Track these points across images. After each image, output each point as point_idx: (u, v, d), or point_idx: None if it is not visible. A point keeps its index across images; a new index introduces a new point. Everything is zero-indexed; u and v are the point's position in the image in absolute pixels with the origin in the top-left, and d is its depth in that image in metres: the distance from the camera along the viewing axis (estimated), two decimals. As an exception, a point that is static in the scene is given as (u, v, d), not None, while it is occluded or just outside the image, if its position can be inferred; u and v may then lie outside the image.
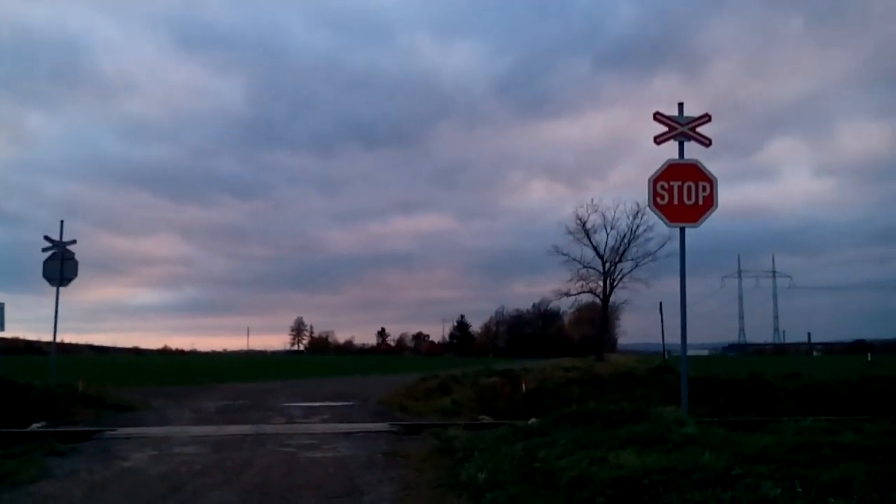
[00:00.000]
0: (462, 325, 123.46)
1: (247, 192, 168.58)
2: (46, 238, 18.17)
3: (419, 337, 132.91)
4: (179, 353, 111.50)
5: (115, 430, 12.07)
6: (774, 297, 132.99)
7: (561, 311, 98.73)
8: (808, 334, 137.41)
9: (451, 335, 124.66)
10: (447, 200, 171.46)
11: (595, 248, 57.52)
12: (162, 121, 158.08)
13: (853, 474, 5.94)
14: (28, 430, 11.90)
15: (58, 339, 19.30)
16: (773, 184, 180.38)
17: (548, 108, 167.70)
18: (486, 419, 13.68)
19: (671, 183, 10.52)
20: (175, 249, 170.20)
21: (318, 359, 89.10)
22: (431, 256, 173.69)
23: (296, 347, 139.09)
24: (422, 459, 9.04)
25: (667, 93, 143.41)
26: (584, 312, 78.84)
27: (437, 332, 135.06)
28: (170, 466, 8.75)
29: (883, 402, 12.80)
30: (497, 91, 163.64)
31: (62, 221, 18.52)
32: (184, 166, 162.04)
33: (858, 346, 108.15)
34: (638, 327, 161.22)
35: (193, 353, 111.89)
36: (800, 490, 5.40)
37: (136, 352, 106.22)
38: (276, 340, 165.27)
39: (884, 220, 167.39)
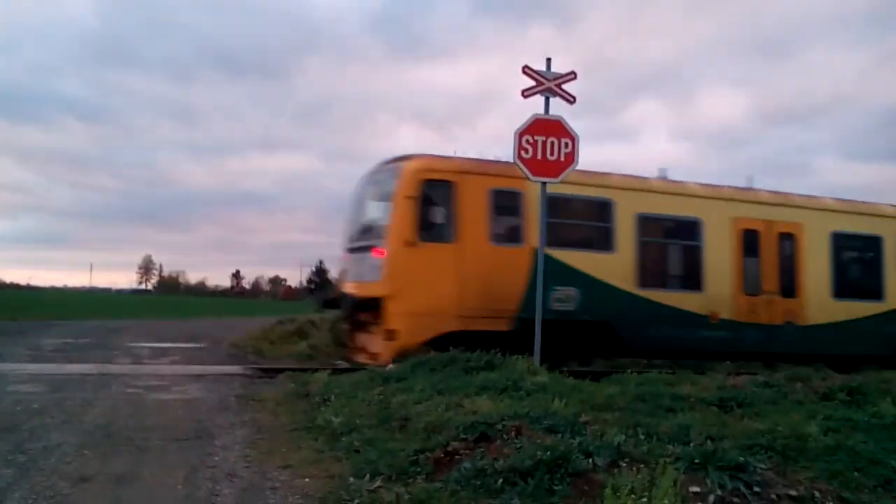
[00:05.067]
0: (321, 271, 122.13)
1: (92, 116, 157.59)
2: None
3: (276, 281, 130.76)
4: (14, 287, 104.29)
5: (-62, 366, 11.13)
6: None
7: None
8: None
9: (310, 280, 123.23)
10: (311, 140, 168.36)
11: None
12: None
13: (690, 423, 6.40)
14: None
15: None
16: (633, 145, 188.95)
17: (422, 51, 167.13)
18: (343, 364, 13.67)
19: (536, 137, 10.71)
20: (10, 175, 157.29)
21: (167, 299, 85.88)
22: (292, 198, 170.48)
23: (144, 286, 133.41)
24: (277, 403, 8.90)
25: (542, 44, 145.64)
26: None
27: (296, 277, 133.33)
28: (3, 405, 8.18)
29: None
30: (371, 27, 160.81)
31: None
32: (21, 82, 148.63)
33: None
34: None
35: (30, 288, 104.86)
36: (642, 437, 5.74)
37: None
38: (123, 278, 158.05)
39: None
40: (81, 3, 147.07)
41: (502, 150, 10.73)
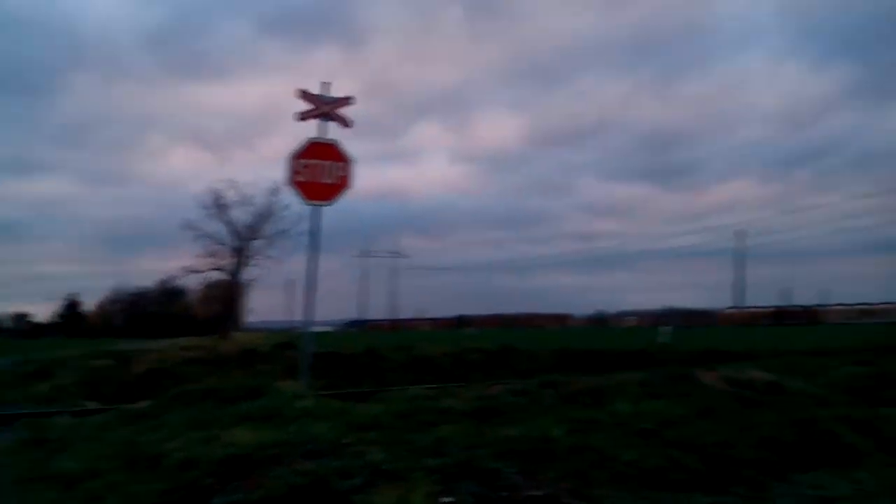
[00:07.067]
0: (71, 304, 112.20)
1: None
2: None
3: (20, 316, 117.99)
4: None
5: None
6: (394, 275, 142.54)
7: (188, 289, 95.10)
8: (422, 311, 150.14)
9: (60, 314, 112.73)
10: (73, 162, 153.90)
11: (229, 225, 56.08)
12: None
13: (448, 435, 6.54)
14: None
15: None
16: (414, 167, 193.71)
17: (202, 70, 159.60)
18: (93, 405, 12.62)
19: (311, 161, 10.57)
20: None
21: None
22: (45, 226, 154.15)
23: None
24: (9, 453, 7.94)
25: (327, 66, 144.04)
26: (213, 290, 76.04)
27: (46, 311, 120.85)
28: None
29: (477, 369, 14.43)
30: (146, 45, 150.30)
31: None
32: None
33: (460, 321, 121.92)
34: (268, 305, 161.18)
35: None
36: (404, 453, 5.78)
37: None
38: None
39: (502, 208, 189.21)
40: None
41: (280, 172, 10.47)
